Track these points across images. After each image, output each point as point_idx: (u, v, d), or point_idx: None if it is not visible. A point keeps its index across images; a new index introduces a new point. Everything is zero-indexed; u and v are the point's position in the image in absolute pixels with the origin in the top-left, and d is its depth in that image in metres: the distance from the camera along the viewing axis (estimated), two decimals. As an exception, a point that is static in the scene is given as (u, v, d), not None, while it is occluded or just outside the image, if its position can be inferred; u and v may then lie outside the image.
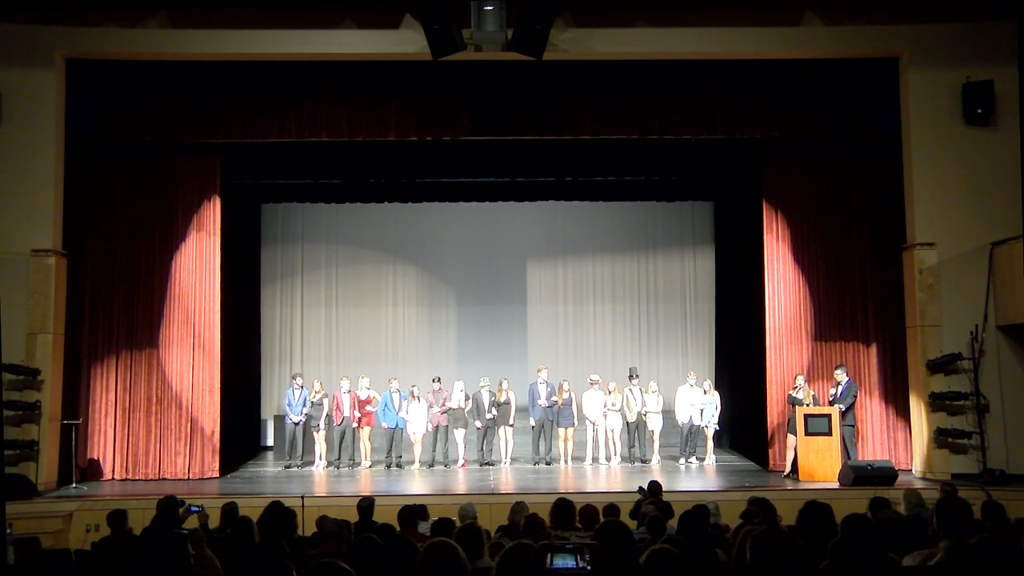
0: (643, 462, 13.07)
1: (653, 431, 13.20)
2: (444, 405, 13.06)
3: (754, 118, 12.13)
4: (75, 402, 11.83)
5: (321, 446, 13.06)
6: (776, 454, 12.36)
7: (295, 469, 12.86)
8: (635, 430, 13.21)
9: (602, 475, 12.42)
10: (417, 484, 11.78)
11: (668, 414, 13.38)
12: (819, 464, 11.20)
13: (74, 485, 11.10)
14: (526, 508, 6.56)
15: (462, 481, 11.93)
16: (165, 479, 11.87)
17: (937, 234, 11.43)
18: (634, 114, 12.13)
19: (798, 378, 11.94)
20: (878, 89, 12.07)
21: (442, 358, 15.78)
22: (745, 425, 14.48)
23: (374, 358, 15.62)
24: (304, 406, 12.96)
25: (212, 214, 12.45)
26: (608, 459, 13.05)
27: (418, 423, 12.92)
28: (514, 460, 13.25)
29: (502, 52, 10.85)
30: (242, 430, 14.57)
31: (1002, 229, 10.80)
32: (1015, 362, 11.14)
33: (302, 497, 8.77)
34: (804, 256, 12.50)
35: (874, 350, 12.30)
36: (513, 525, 6.50)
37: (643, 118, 12.12)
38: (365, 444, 13.05)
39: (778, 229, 12.59)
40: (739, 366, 15.01)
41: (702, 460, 13.09)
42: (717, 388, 13.73)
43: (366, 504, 7.01)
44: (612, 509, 6.69)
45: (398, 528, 6.20)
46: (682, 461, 13.07)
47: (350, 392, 13.01)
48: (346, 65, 11.73)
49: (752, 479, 11.84)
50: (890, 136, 11.90)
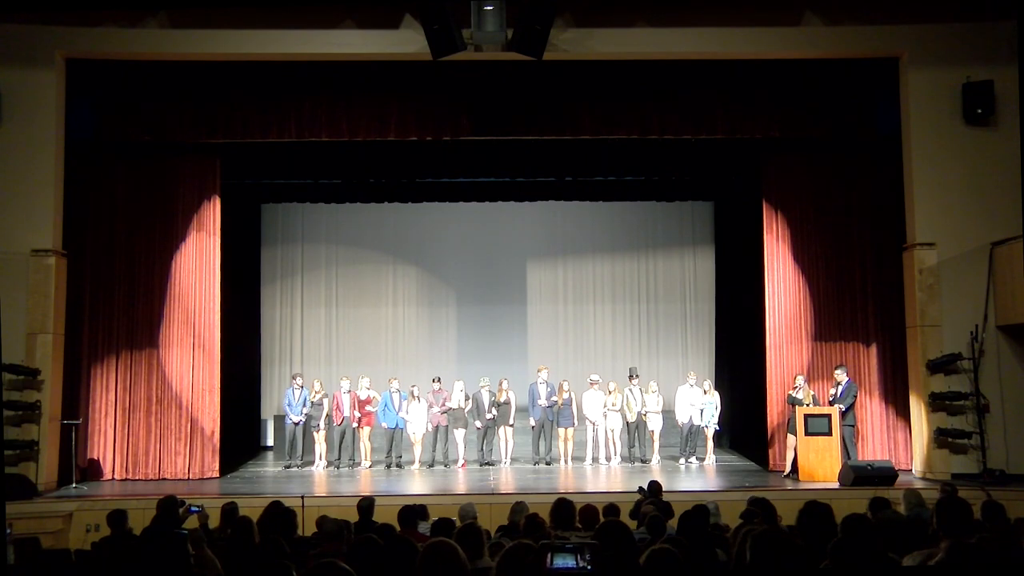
0: (643, 462, 13.07)
1: (653, 431, 13.20)
2: (444, 405, 13.05)
3: (754, 118, 12.14)
4: (75, 402, 11.83)
5: (321, 446, 13.06)
6: (776, 454, 12.36)
7: (295, 469, 12.85)
8: (635, 430, 13.21)
9: (602, 475, 12.42)
10: (417, 484, 11.78)
11: (668, 414, 13.38)
12: (819, 464, 11.21)
13: (74, 485, 11.09)
14: (526, 508, 6.56)
15: (462, 481, 11.93)
16: (165, 479, 11.87)
17: (937, 234, 11.43)
18: (634, 114, 12.13)
19: (798, 378, 11.94)
20: (878, 89, 12.07)
21: (442, 358, 15.77)
22: (745, 425, 14.48)
23: (374, 358, 15.62)
24: (304, 406, 12.96)
25: (212, 214, 12.45)
26: (608, 459, 13.04)
27: (418, 423, 12.92)
28: (514, 460, 13.24)
29: (502, 52, 10.84)
30: (242, 430, 14.57)
31: (1002, 229, 10.81)
32: (1015, 362, 11.14)
33: (302, 497, 8.77)
34: (804, 256, 12.50)
35: (874, 350, 12.31)
36: (513, 525, 6.49)
37: (643, 118, 12.12)
38: (365, 444, 13.05)
39: (778, 229, 12.59)
40: (739, 366, 15.01)
41: (702, 460, 13.09)
42: (717, 388, 13.73)
43: (366, 504, 7.01)
44: (612, 509, 6.69)
45: (398, 528, 6.20)
46: (682, 461, 13.07)
47: (350, 392, 13.01)
48: (346, 65, 11.73)
49: (752, 479, 11.84)
50: (890, 136, 11.89)
